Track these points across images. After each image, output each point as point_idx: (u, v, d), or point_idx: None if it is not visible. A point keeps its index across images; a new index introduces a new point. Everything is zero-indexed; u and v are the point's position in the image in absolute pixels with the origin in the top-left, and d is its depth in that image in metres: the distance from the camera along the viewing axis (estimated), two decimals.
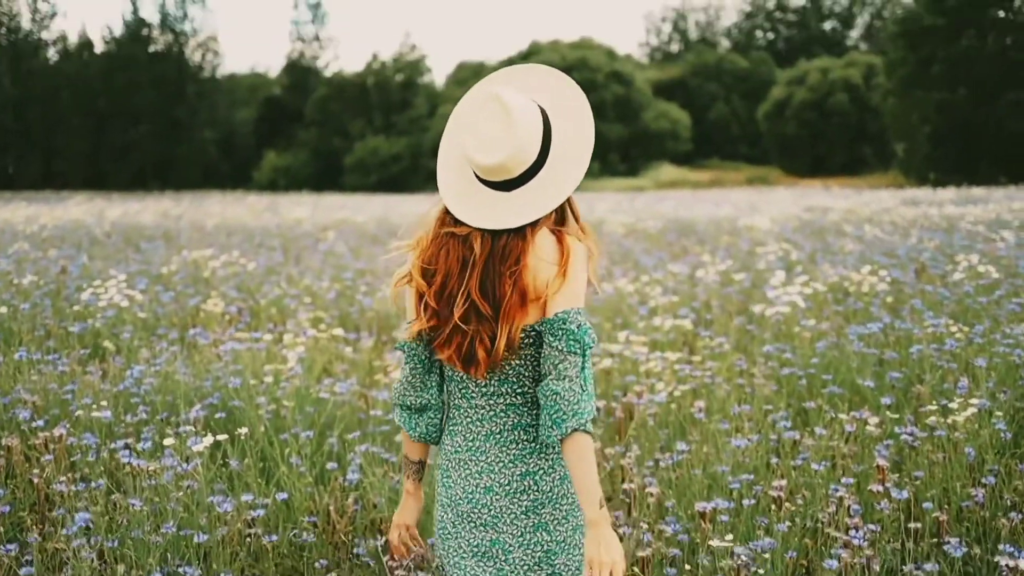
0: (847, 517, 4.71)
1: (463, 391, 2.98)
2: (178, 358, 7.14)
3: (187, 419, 5.62)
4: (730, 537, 4.36)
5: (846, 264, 11.56)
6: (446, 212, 2.94)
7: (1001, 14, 52.88)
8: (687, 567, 4.55)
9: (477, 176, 2.89)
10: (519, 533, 2.93)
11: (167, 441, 4.75)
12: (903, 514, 4.87)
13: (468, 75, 75.17)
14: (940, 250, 12.84)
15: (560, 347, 2.78)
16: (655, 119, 71.24)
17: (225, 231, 19.32)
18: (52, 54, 77.07)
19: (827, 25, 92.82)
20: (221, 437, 4.91)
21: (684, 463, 5.43)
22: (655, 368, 6.93)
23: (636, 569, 4.41)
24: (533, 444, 2.92)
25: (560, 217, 2.99)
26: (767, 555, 4.38)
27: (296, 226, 20.27)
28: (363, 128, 68.66)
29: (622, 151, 69.67)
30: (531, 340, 2.87)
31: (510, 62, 73.37)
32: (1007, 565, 4.13)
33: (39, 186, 64.08)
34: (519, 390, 2.92)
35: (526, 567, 2.94)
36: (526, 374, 2.90)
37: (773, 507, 4.85)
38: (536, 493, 2.92)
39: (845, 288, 9.87)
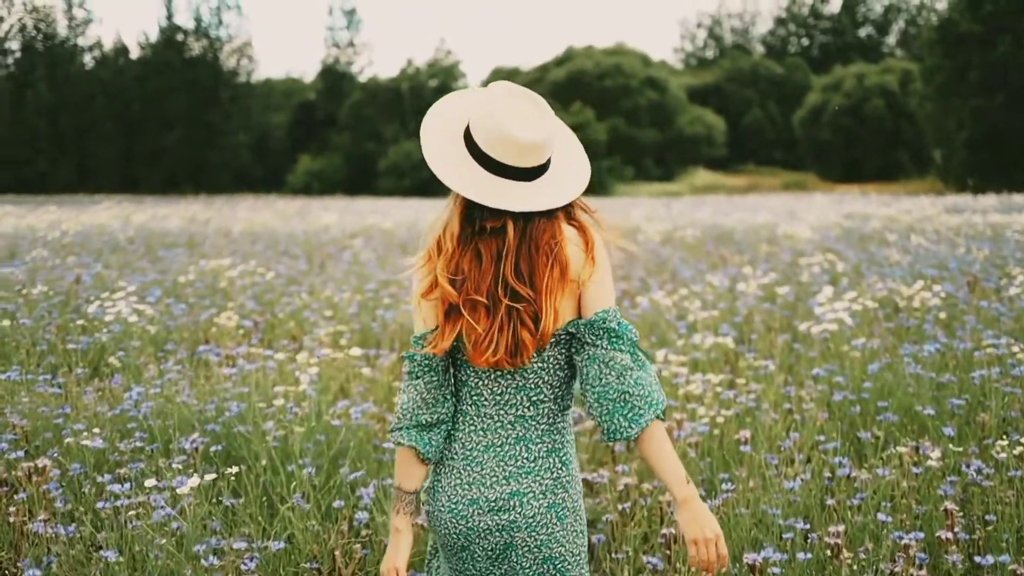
0: (912, 568, 4.20)
1: (475, 397, 2.92)
2: (184, 378, 6.67)
3: (183, 448, 5.14)
4: None
5: (893, 277, 10.98)
6: (466, 216, 2.85)
7: None
8: None
9: (494, 168, 2.82)
10: (489, 547, 2.89)
11: (149, 482, 4.25)
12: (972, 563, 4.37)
13: (502, 80, 74.63)
14: (990, 261, 12.27)
15: (604, 345, 2.78)
16: (690, 124, 70.73)
17: (250, 237, 18.90)
18: (88, 60, 77.46)
19: (862, 32, 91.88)
20: (210, 477, 4.40)
21: (729, 501, 4.92)
22: (695, 391, 6.41)
23: None
24: (532, 464, 2.87)
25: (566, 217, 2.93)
26: None
27: (323, 232, 19.83)
28: (397, 132, 68.37)
29: (657, 156, 69.19)
30: (557, 341, 2.86)
31: (545, 68, 73.13)
32: None
33: (73, 189, 64.22)
34: (535, 398, 2.88)
35: None
36: (546, 379, 2.88)
37: (829, 554, 4.35)
38: (516, 514, 2.86)
39: (895, 303, 9.32)
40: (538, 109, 2.85)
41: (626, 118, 68.20)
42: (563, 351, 2.88)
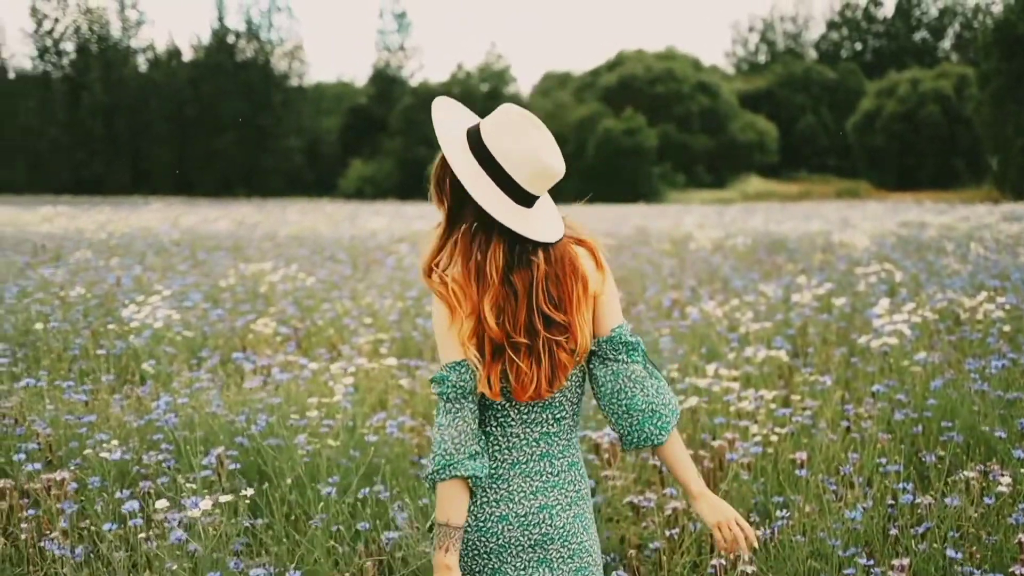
0: None
1: (501, 419, 2.89)
2: (214, 387, 6.43)
3: (205, 463, 4.89)
4: None
5: (953, 287, 10.58)
6: (505, 250, 2.79)
7: None
8: None
9: (521, 198, 2.78)
10: (521, 566, 2.87)
11: (160, 503, 4.00)
12: None
13: (553, 85, 74.64)
14: None
15: (624, 359, 2.88)
16: (742, 130, 70.11)
17: (297, 241, 18.74)
18: (141, 62, 78.02)
19: (917, 36, 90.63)
20: (225, 499, 4.14)
21: (785, 528, 4.62)
22: (748, 408, 6.09)
23: None
24: (556, 478, 2.90)
25: None
26: None
27: (370, 237, 19.63)
28: None
29: (708, 162, 68.64)
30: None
31: (596, 73, 72.83)
32: None
33: (129, 191, 64.73)
34: (558, 415, 2.91)
35: None
36: (568, 396, 2.91)
37: None
38: (548, 527, 2.87)
39: (956, 315, 8.93)
40: (546, 133, 2.83)
41: (677, 124, 67.72)
42: (582, 368, 2.95)
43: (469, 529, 2.86)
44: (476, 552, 2.87)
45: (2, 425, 5.72)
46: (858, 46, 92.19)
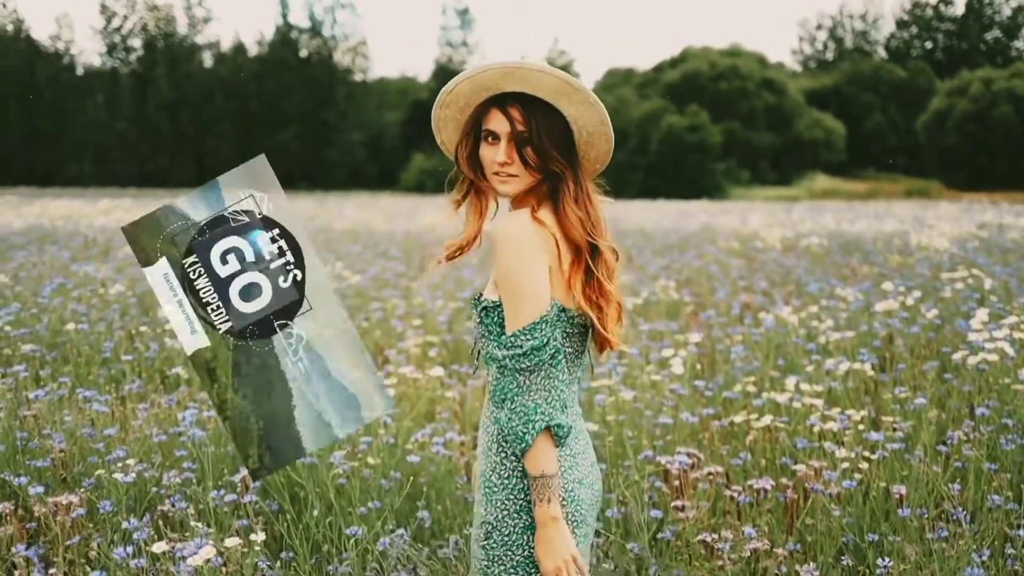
0: None
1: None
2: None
3: (219, 496, 4.36)
4: None
5: None
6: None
7: None
8: None
9: None
10: (592, 523, 2.85)
11: (157, 547, 3.47)
12: None
13: (617, 81, 74.02)
14: None
15: None
16: (808, 128, 69.13)
17: (350, 237, 18.26)
18: (206, 58, 78.75)
19: (989, 35, 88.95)
20: (232, 541, 3.59)
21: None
22: (833, 429, 5.43)
23: None
24: (584, 434, 2.86)
25: None
26: None
27: (427, 232, 19.12)
28: None
29: (773, 160, 67.71)
30: None
31: (660, 69, 72.22)
32: None
33: (193, 185, 64.98)
34: (582, 370, 2.87)
35: None
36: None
37: None
38: (599, 483, 2.86)
39: None
40: None
41: (742, 121, 66.96)
42: None
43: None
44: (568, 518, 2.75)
45: (18, 438, 5.22)
46: (928, 45, 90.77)
